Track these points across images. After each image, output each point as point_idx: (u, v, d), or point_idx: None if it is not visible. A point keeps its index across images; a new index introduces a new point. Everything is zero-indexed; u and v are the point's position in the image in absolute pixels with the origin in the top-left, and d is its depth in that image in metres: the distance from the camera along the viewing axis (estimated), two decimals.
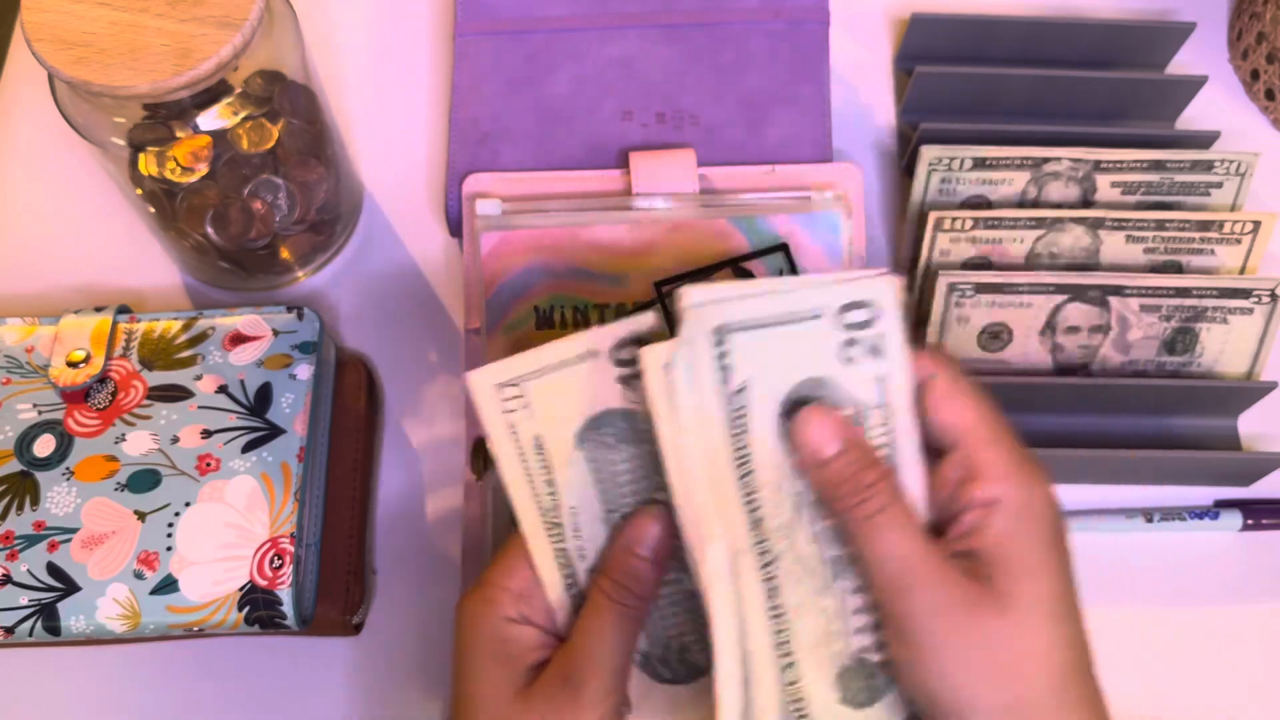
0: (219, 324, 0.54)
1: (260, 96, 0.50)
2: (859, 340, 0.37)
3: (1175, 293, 0.54)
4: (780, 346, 0.36)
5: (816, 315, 0.36)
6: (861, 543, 0.37)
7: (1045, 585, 0.36)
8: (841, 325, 0.36)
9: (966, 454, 0.37)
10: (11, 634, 0.48)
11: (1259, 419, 0.57)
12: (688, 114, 0.59)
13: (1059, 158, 0.56)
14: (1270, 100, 0.64)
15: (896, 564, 0.36)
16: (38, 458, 0.50)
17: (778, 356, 0.36)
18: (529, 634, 0.40)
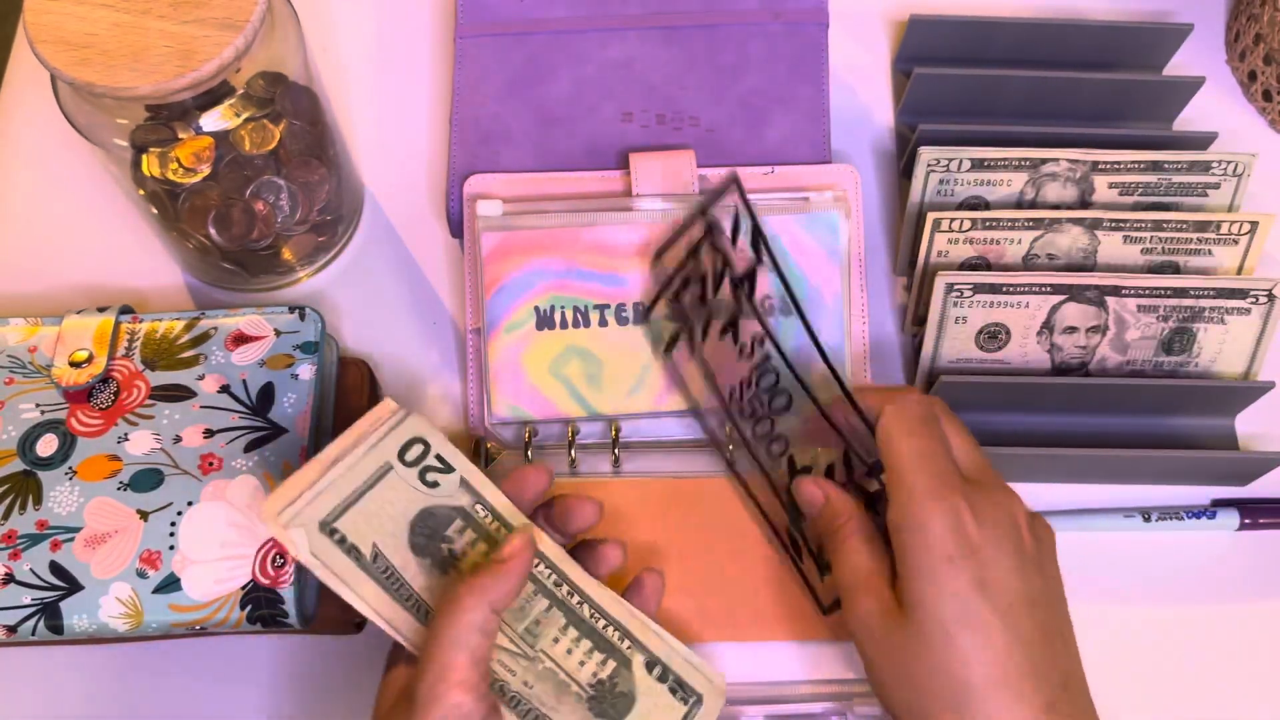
0: (221, 324, 0.54)
1: (262, 98, 0.50)
2: (429, 467, 0.44)
3: (1173, 293, 0.54)
4: (378, 508, 0.43)
5: (387, 468, 0.44)
6: (832, 557, 0.46)
7: (942, 604, 0.41)
8: (408, 465, 0.44)
9: (890, 483, 0.44)
10: (14, 633, 0.48)
11: (1256, 419, 0.57)
12: (687, 115, 0.59)
13: (1057, 159, 0.57)
14: (1267, 101, 0.64)
15: (850, 573, 0.45)
16: (40, 457, 0.51)
17: (381, 516, 0.43)
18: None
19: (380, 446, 0.44)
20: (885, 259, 0.61)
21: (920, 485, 0.42)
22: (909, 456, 0.43)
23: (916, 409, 0.45)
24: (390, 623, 0.42)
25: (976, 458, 0.46)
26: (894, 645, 0.42)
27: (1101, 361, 0.56)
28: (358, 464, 0.43)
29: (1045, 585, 0.43)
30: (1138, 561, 0.55)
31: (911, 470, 0.43)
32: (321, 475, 0.42)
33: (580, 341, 0.54)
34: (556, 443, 0.55)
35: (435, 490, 0.44)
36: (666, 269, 0.52)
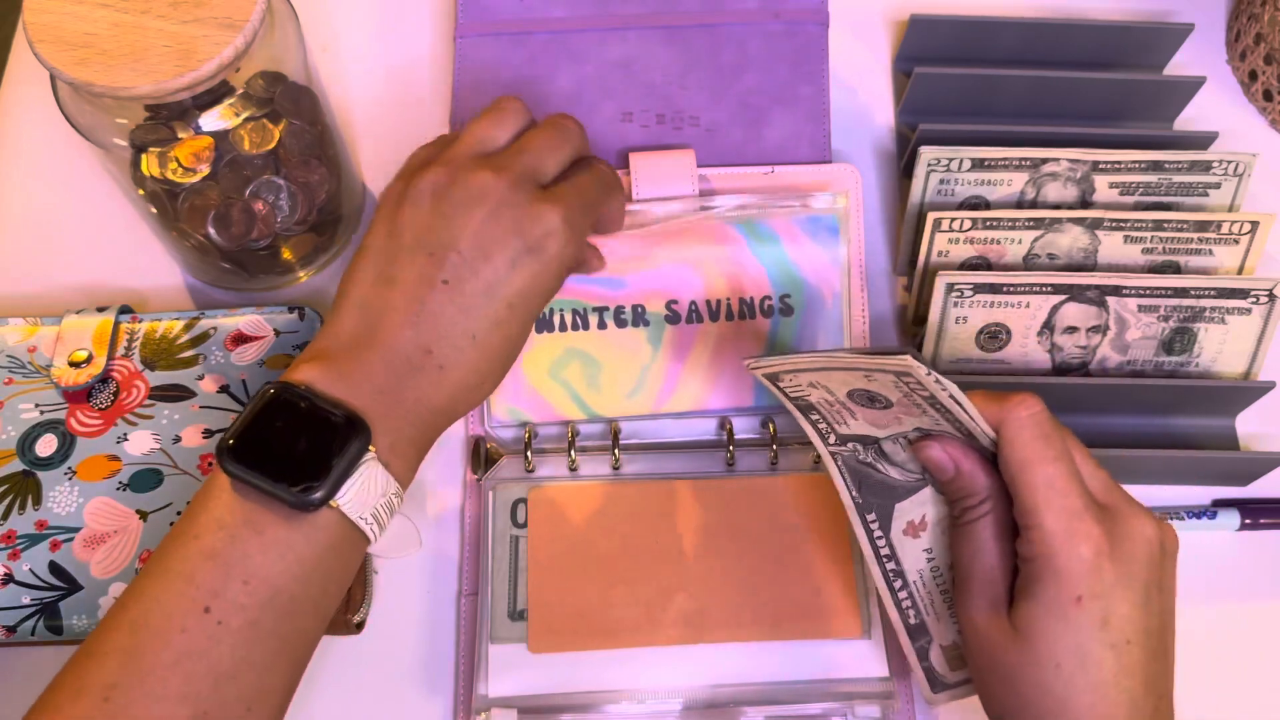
0: (221, 324, 0.54)
1: (262, 97, 0.50)
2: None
3: (1173, 293, 0.54)
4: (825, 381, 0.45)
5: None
6: (954, 535, 0.44)
7: (1059, 640, 0.40)
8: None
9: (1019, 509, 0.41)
10: (14, 633, 0.48)
11: (1257, 419, 0.57)
12: (687, 115, 0.59)
13: (1057, 158, 0.57)
14: (1268, 101, 0.64)
15: (968, 564, 0.43)
16: (40, 457, 0.51)
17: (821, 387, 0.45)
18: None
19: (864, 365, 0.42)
20: (885, 259, 0.61)
21: (1054, 523, 0.40)
22: (1041, 488, 0.40)
23: (1042, 425, 0.41)
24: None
25: (1103, 476, 0.43)
26: (999, 650, 0.41)
27: (1102, 361, 0.56)
28: (832, 364, 0.43)
29: (1163, 608, 0.42)
30: None
31: (1045, 504, 0.40)
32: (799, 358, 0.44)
33: (579, 344, 0.54)
34: (556, 444, 0.55)
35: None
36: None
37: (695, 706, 0.50)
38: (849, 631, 0.51)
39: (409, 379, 0.42)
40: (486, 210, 0.44)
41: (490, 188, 0.44)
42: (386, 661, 0.52)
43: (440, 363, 0.43)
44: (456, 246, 0.43)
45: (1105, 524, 0.41)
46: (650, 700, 0.50)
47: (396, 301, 0.43)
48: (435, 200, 0.44)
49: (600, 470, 0.54)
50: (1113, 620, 0.40)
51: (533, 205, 0.44)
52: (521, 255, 0.44)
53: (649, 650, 0.51)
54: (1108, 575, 0.40)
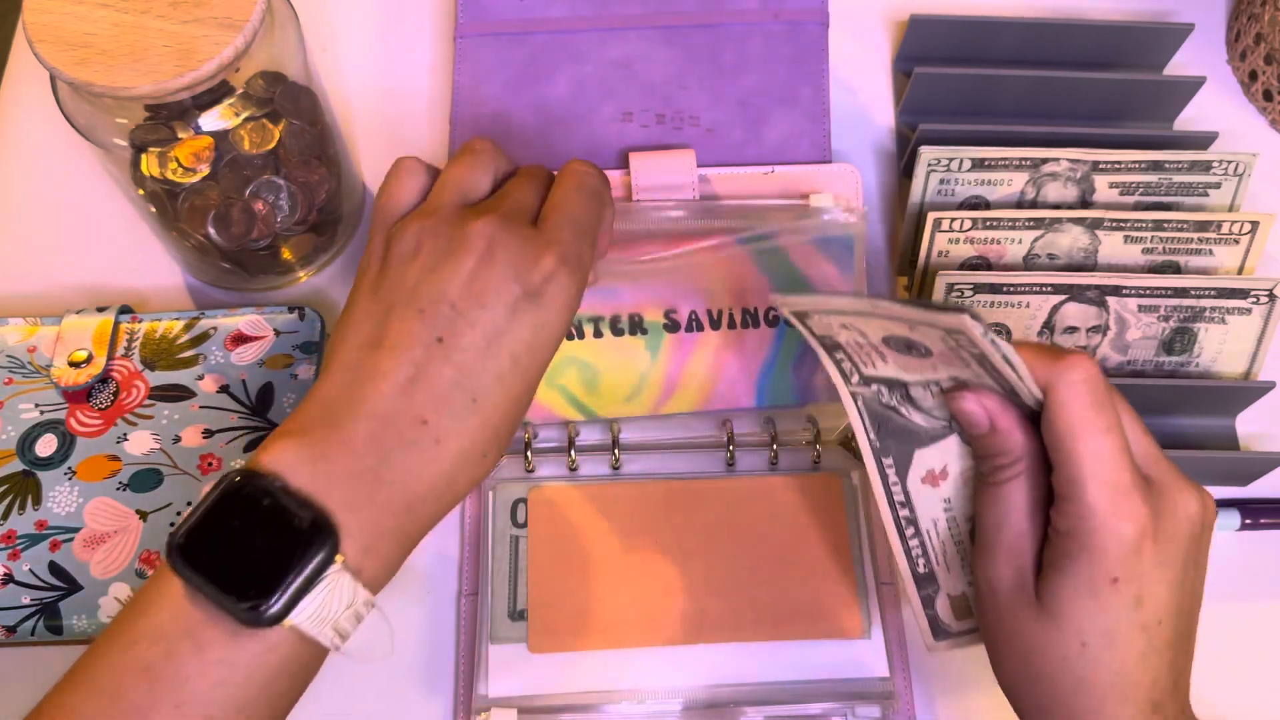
0: (221, 324, 0.54)
1: (262, 97, 0.50)
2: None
3: (1173, 293, 0.54)
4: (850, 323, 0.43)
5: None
6: (982, 494, 0.41)
7: (1089, 619, 0.38)
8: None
9: (1060, 479, 0.39)
10: (13, 633, 0.48)
11: (1257, 419, 0.57)
12: (687, 115, 0.59)
13: (1057, 158, 0.57)
14: (1268, 101, 0.64)
15: (994, 527, 0.41)
16: (40, 457, 0.51)
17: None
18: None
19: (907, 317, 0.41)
20: (885, 259, 0.61)
21: (1098, 498, 0.37)
22: (1088, 459, 0.38)
23: (1096, 390, 0.38)
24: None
25: (1149, 445, 0.40)
26: (1020, 621, 0.39)
27: (1102, 361, 0.56)
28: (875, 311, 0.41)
29: (1196, 583, 0.40)
30: None
31: (1091, 477, 0.37)
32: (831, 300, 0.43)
33: (577, 353, 0.54)
34: (556, 445, 0.55)
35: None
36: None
37: (695, 706, 0.50)
38: (849, 631, 0.51)
39: (398, 455, 0.38)
40: (477, 257, 0.40)
41: (479, 232, 0.40)
42: (386, 661, 0.52)
43: (436, 434, 0.38)
44: (448, 299, 0.39)
45: (1151, 501, 0.38)
46: (650, 700, 0.50)
47: (385, 365, 0.38)
48: (419, 254, 0.40)
49: (600, 470, 0.54)
50: (1147, 601, 0.38)
51: (527, 246, 0.40)
52: (521, 302, 0.40)
53: (649, 650, 0.51)
54: (1148, 556, 0.38)
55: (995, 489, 0.41)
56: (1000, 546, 0.40)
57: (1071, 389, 0.38)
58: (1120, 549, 0.37)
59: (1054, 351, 0.39)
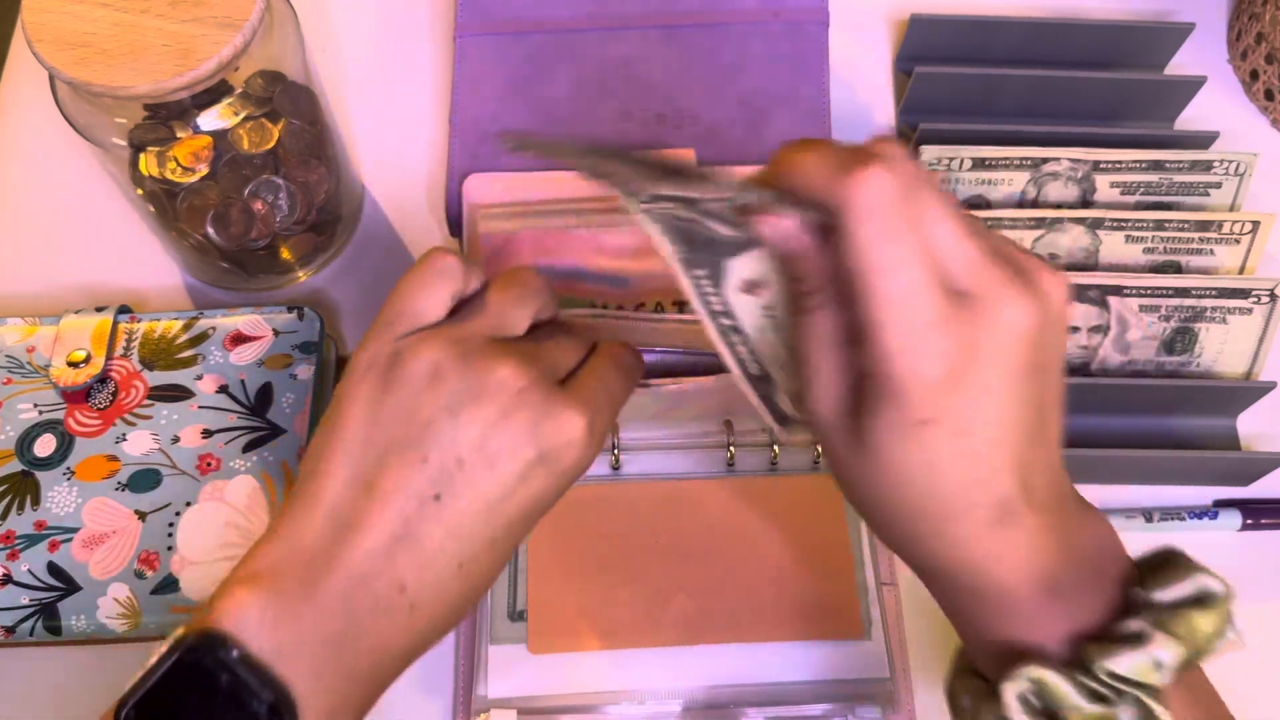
0: (219, 324, 0.54)
1: (261, 97, 0.50)
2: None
3: (1174, 293, 0.54)
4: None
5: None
6: (793, 328, 0.36)
7: (907, 459, 0.34)
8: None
9: (860, 307, 0.33)
10: (12, 634, 0.48)
11: (1258, 419, 0.57)
12: (687, 115, 0.59)
13: (1058, 158, 0.57)
14: (1269, 100, 0.64)
15: (808, 364, 0.35)
16: (38, 457, 0.51)
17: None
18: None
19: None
20: None
21: (894, 340, 0.32)
22: (881, 295, 0.32)
23: (887, 208, 0.31)
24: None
25: (972, 250, 0.33)
26: (845, 453, 0.35)
27: (1103, 361, 0.56)
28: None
29: (1043, 388, 0.35)
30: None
31: (885, 318, 0.32)
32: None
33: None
34: None
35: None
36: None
37: (695, 707, 0.50)
38: (849, 632, 0.51)
39: (370, 621, 0.35)
40: (498, 408, 0.36)
41: (508, 382, 0.36)
42: None
43: (413, 601, 0.35)
44: (457, 452, 0.36)
45: (963, 327, 0.32)
46: (650, 701, 0.50)
47: (373, 518, 0.35)
48: (437, 386, 0.36)
49: (600, 470, 0.54)
50: (973, 428, 0.33)
51: (553, 407, 0.37)
52: (534, 467, 0.36)
53: (649, 651, 0.51)
54: (965, 388, 0.32)
55: (803, 319, 0.35)
56: (812, 381, 0.35)
57: (858, 217, 0.31)
58: (925, 392, 0.32)
59: (847, 158, 0.32)
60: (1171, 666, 0.33)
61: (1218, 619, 0.35)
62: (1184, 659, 0.33)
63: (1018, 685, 0.34)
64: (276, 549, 0.35)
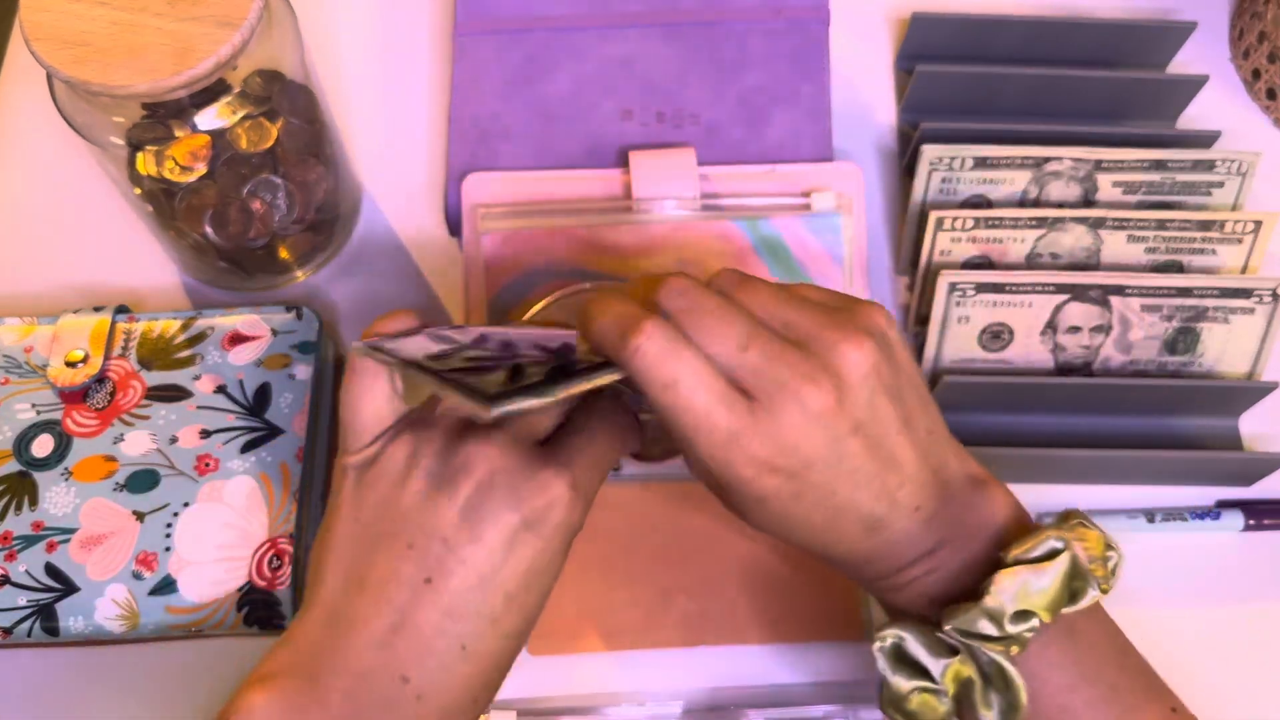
0: (218, 324, 0.54)
1: (259, 96, 0.50)
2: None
3: (1176, 292, 0.54)
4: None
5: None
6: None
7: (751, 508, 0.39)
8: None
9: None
10: (10, 634, 0.48)
11: (1260, 419, 0.57)
12: (688, 113, 0.59)
13: (1060, 157, 0.56)
14: (1271, 99, 0.64)
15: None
16: (36, 458, 0.50)
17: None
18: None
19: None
20: (887, 258, 0.60)
21: (707, 454, 0.36)
22: (678, 427, 0.36)
23: (652, 362, 0.35)
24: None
25: (747, 357, 0.36)
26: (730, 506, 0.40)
27: (1105, 361, 0.55)
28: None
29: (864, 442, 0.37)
30: (1142, 563, 0.54)
31: (692, 440, 0.36)
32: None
33: None
34: None
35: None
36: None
37: (695, 709, 0.50)
38: (850, 634, 0.51)
39: (378, 717, 0.35)
40: (475, 482, 0.36)
41: (479, 454, 0.37)
42: None
43: (419, 691, 0.35)
44: (440, 532, 0.36)
45: (761, 427, 0.36)
46: (650, 703, 0.50)
47: (368, 610, 0.36)
48: (412, 473, 0.37)
49: None
50: (805, 490, 0.37)
51: (531, 469, 0.37)
52: (520, 533, 0.36)
53: (649, 652, 0.51)
54: (783, 470, 0.36)
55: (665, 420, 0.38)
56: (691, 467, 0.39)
57: (636, 371, 0.36)
58: (750, 488, 0.37)
59: (622, 329, 0.36)
60: (1008, 619, 0.37)
61: (1055, 574, 0.38)
62: (1021, 611, 0.37)
63: (881, 643, 0.39)
64: (286, 651, 0.36)
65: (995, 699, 0.38)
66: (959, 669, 0.38)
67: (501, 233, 0.54)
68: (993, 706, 0.38)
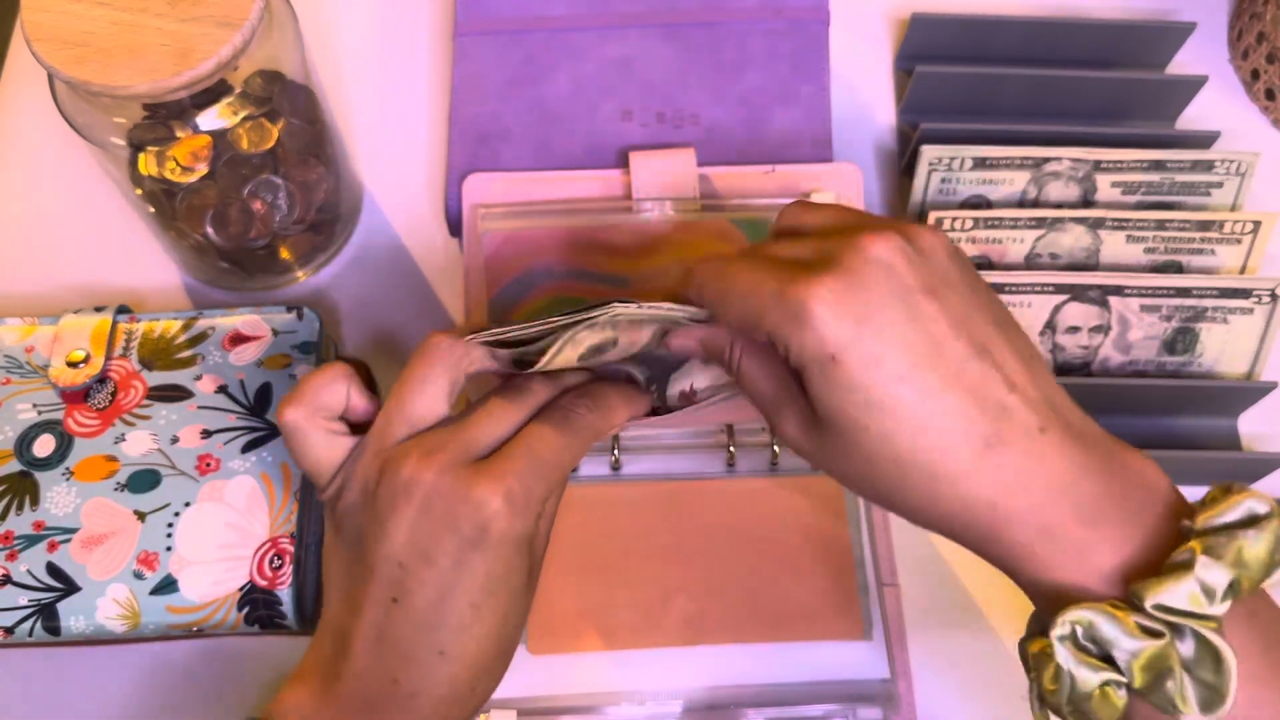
0: (219, 324, 0.54)
1: (260, 96, 0.50)
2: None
3: (1175, 293, 0.54)
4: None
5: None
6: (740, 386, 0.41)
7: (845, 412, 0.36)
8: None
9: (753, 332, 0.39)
10: (11, 634, 0.48)
11: (1259, 419, 0.57)
12: (688, 114, 0.59)
13: (1059, 158, 0.56)
14: (1270, 100, 0.64)
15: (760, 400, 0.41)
16: (37, 458, 0.50)
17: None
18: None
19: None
20: None
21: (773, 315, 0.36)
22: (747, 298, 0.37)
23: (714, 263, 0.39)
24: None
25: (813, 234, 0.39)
26: (827, 453, 0.38)
27: (1104, 361, 0.56)
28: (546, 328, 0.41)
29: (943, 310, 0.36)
30: None
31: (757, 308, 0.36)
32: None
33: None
34: None
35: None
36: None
37: (695, 708, 0.50)
38: (849, 633, 0.51)
39: (380, 713, 0.39)
40: (415, 506, 0.38)
41: (415, 478, 0.38)
42: None
43: (410, 690, 0.39)
44: (396, 557, 0.38)
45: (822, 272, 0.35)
46: (650, 702, 0.50)
47: (356, 629, 0.39)
48: (366, 502, 0.40)
49: (600, 471, 0.54)
50: (884, 353, 0.35)
51: (464, 488, 0.38)
52: (465, 552, 0.38)
53: (649, 652, 0.51)
54: (850, 313, 0.35)
55: (740, 375, 0.41)
56: (771, 416, 0.40)
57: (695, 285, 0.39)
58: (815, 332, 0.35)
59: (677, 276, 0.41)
60: (1220, 592, 0.32)
61: (1268, 539, 0.33)
62: (1232, 583, 0.33)
63: (1063, 630, 0.33)
64: (311, 655, 0.41)
65: (1194, 689, 0.33)
66: (1161, 654, 0.33)
67: (502, 233, 0.54)
68: (1190, 698, 0.32)
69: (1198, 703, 0.32)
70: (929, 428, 0.35)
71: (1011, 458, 0.35)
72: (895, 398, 0.35)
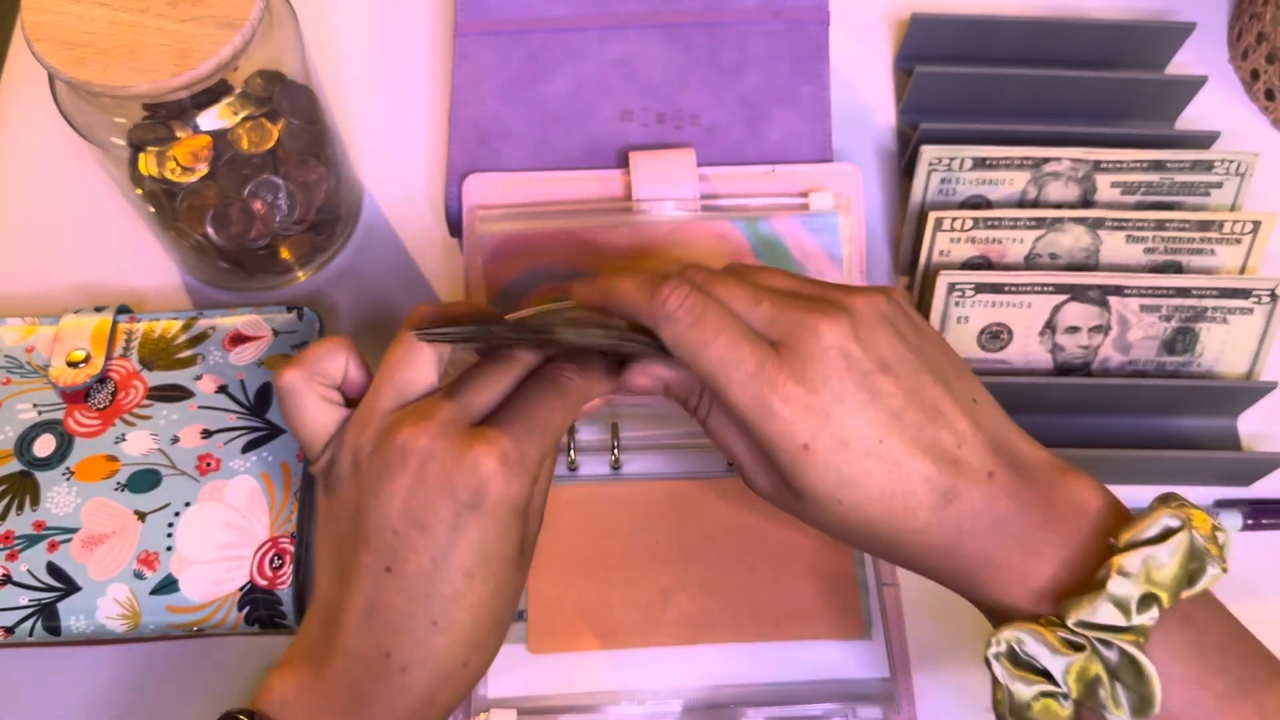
0: (219, 324, 0.54)
1: (260, 96, 0.50)
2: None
3: (1175, 293, 0.54)
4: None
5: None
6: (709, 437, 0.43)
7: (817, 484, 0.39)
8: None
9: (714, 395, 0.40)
10: (11, 634, 0.48)
11: (1259, 419, 0.57)
12: (688, 114, 0.59)
13: (1059, 158, 0.56)
14: (1270, 100, 0.64)
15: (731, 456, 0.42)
16: (38, 458, 0.50)
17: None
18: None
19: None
20: (887, 259, 0.61)
21: (740, 397, 0.38)
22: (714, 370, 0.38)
23: (689, 310, 0.39)
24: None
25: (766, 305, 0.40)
26: (801, 510, 0.40)
27: (1104, 362, 0.56)
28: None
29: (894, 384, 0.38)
30: None
31: (725, 384, 0.38)
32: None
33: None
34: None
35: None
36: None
37: (695, 707, 0.50)
38: (849, 632, 0.51)
39: (370, 689, 0.38)
40: (410, 472, 0.39)
41: (410, 444, 0.39)
42: None
43: (402, 663, 0.38)
44: (389, 525, 0.38)
45: (786, 362, 0.38)
46: (650, 701, 0.50)
47: (347, 602, 0.39)
48: (357, 473, 0.40)
49: (599, 470, 0.54)
50: (849, 434, 0.38)
51: (460, 451, 0.38)
52: (461, 516, 0.38)
53: (649, 651, 0.51)
54: (816, 407, 0.38)
55: (706, 424, 0.42)
56: (741, 463, 0.42)
57: (670, 324, 0.39)
58: (786, 426, 0.38)
59: (649, 288, 0.40)
60: (1134, 606, 0.35)
61: (1179, 553, 0.36)
62: (1146, 596, 0.35)
63: (997, 648, 0.37)
64: (299, 641, 0.41)
65: (1125, 695, 0.35)
66: (1085, 666, 0.36)
67: (501, 233, 0.54)
68: (1123, 704, 0.35)
69: (1130, 708, 0.35)
70: (895, 492, 0.38)
71: (964, 505, 0.38)
72: (865, 471, 0.38)
